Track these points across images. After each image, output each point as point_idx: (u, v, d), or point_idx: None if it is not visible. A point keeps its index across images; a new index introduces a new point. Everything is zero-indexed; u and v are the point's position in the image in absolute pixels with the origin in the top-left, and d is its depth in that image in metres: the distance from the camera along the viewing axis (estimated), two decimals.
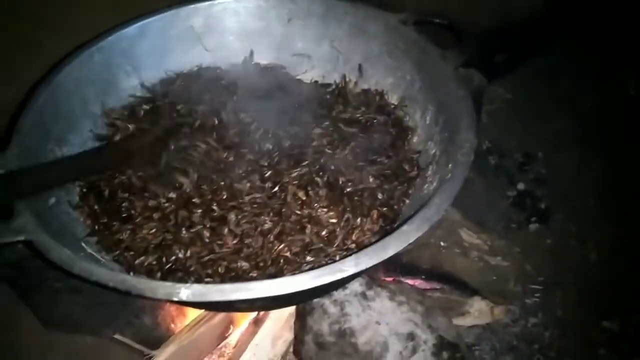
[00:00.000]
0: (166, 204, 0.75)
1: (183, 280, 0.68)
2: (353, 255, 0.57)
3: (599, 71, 1.28)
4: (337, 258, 0.70)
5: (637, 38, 1.25)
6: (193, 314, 0.90)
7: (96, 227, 0.74)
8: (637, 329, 0.96)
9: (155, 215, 0.74)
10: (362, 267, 0.56)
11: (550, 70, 1.31)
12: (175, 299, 0.52)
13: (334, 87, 0.96)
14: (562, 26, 1.25)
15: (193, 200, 0.76)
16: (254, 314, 0.89)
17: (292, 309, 0.85)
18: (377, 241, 0.62)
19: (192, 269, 0.69)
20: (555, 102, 1.27)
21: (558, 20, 1.22)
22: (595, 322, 0.99)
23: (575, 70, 1.29)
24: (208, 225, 0.73)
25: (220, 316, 0.89)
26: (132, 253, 0.71)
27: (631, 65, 1.28)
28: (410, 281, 0.89)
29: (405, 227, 0.60)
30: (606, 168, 1.18)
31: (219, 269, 0.68)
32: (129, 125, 0.87)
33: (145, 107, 0.90)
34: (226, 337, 0.93)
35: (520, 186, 1.16)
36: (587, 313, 1.00)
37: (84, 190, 0.79)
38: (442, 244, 0.89)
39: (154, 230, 0.73)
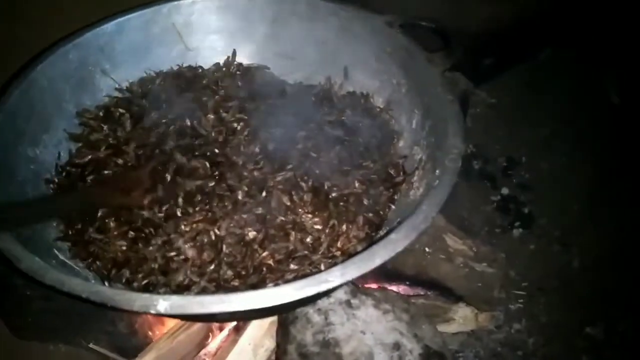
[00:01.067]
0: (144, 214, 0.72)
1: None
2: (339, 265, 0.55)
3: (583, 77, 1.29)
4: (322, 266, 0.69)
5: (619, 46, 1.26)
6: (171, 321, 0.87)
7: (69, 232, 0.71)
8: (621, 336, 0.96)
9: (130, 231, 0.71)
10: (349, 277, 0.54)
11: (534, 76, 1.31)
12: (153, 311, 0.50)
13: (318, 89, 0.94)
14: (547, 33, 1.25)
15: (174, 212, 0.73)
16: (234, 322, 0.87)
17: (274, 317, 0.83)
18: (363, 250, 0.61)
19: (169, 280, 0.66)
20: (539, 108, 1.27)
21: (543, 26, 1.22)
22: (579, 328, 0.99)
23: (560, 76, 1.30)
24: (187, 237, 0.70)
25: (200, 324, 0.87)
26: (105, 264, 0.68)
27: (614, 73, 1.29)
28: (394, 287, 0.88)
29: (392, 236, 0.58)
30: (590, 173, 1.18)
31: (199, 281, 0.66)
32: (103, 126, 0.85)
33: (121, 110, 0.86)
34: (206, 345, 0.90)
35: (504, 191, 1.16)
36: (571, 319, 1.00)
37: (58, 193, 0.75)
38: (426, 249, 0.88)
39: (126, 244, 0.70)
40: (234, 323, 0.87)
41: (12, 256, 0.54)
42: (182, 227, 0.71)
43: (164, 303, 0.50)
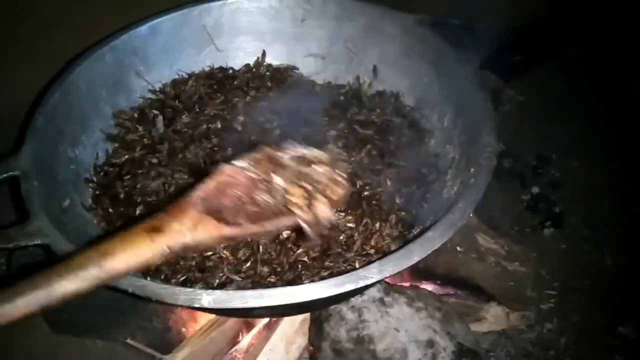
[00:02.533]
0: None
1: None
2: (377, 262, 0.56)
3: (613, 74, 1.27)
4: (357, 264, 0.69)
5: None
6: (204, 318, 0.89)
7: (110, 229, 0.73)
8: None
9: None
10: (387, 274, 0.55)
11: (563, 73, 1.29)
12: (197, 305, 0.51)
13: (347, 88, 0.95)
14: (576, 29, 1.24)
15: None
16: (266, 319, 0.88)
17: (306, 315, 0.83)
18: (399, 247, 0.61)
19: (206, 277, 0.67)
20: (568, 105, 1.26)
21: (571, 24, 1.20)
22: (611, 327, 0.98)
23: (589, 73, 1.28)
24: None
25: (232, 320, 0.88)
26: None
27: None
28: (426, 286, 0.88)
29: (429, 233, 0.58)
30: (620, 171, 1.16)
31: (236, 277, 0.67)
32: (138, 127, 0.87)
33: (155, 111, 0.88)
34: (238, 342, 0.91)
35: (535, 190, 1.15)
36: (602, 318, 0.99)
37: (97, 192, 0.77)
38: (458, 248, 0.88)
39: None
40: (266, 320, 0.88)
41: (62, 252, 0.56)
42: None
43: (207, 297, 0.51)
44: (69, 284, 0.47)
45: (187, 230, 0.52)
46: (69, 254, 0.51)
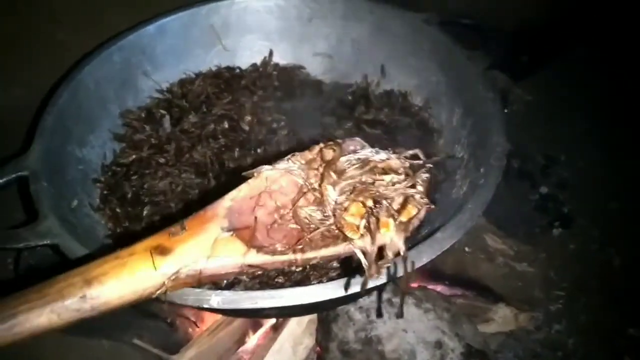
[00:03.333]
0: None
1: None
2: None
3: (622, 73, 1.26)
4: None
5: None
6: (211, 318, 0.89)
7: (117, 230, 0.73)
8: None
9: None
10: (396, 275, 0.55)
11: (571, 73, 1.28)
12: (206, 305, 0.51)
13: (355, 87, 0.95)
14: (583, 30, 1.23)
15: None
16: (273, 320, 0.88)
17: (313, 315, 0.83)
18: (409, 249, 0.60)
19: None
20: (577, 105, 1.25)
21: (579, 23, 1.19)
22: (620, 329, 0.97)
23: (598, 73, 1.27)
24: None
25: (239, 321, 0.88)
26: None
27: None
28: (434, 287, 0.87)
29: (439, 234, 0.58)
30: (630, 171, 1.15)
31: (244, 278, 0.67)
32: (145, 126, 0.87)
33: (162, 111, 0.88)
34: (245, 342, 0.91)
35: (543, 190, 1.14)
36: (612, 320, 0.98)
37: (105, 192, 0.77)
38: (466, 249, 0.87)
39: None
40: (273, 321, 0.88)
41: (70, 251, 0.56)
42: None
43: (216, 298, 0.51)
44: (39, 319, 0.39)
45: (203, 254, 0.41)
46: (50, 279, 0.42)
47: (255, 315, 0.81)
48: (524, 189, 1.14)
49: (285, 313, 0.76)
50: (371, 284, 0.54)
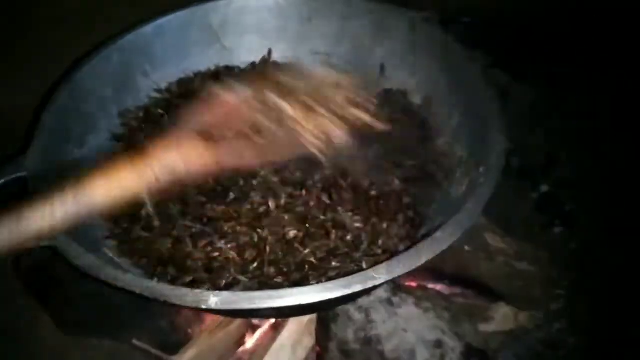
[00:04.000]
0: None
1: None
2: (385, 263, 0.55)
3: (623, 72, 1.25)
4: (364, 264, 0.68)
5: None
6: (211, 318, 0.88)
7: (117, 231, 0.73)
8: None
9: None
10: (395, 274, 0.55)
11: (574, 70, 1.28)
12: (204, 306, 0.51)
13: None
14: (586, 27, 1.22)
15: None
16: (272, 320, 0.88)
17: (313, 315, 0.83)
18: (408, 248, 0.60)
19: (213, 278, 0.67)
20: (579, 103, 1.24)
21: (582, 21, 1.19)
22: (622, 329, 0.96)
23: (599, 71, 1.26)
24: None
25: (239, 321, 0.88)
26: (151, 262, 0.69)
27: None
28: (434, 286, 0.87)
29: (438, 234, 0.58)
30: (632, 170, 1.15)
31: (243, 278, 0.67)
32: (144, 126, 0.86)
33: (160, 110, 0.88)
34: (245, 343, 0.91)
35: (544, 188, 1.14)
36: (613, 319, 0.97)
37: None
38: (466, 248, 0.87)
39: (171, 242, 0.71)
40: (273, 321, 0.88)
41: (69, 253, 0.56)
42: (225, 228, 0.71)
43: (214, 299, 0.51)
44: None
45: (176, 154, 0.46)
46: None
47: (254, 316, 0.81)
48: (525, 187, 1.13)
49: (284, 313, 0.76)
50: (370, 283, 0.54)
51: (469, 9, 0.87)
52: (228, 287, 0.66)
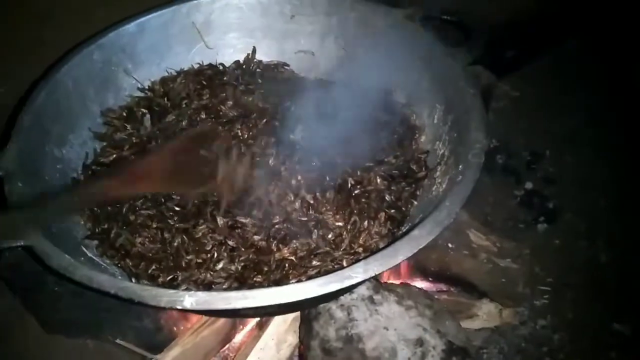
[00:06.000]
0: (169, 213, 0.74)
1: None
2: (362, 262, 0.55)
3: (609, 68, 1.26)
4: (344, 262, 0.69)
5: None
6: (195, 317, 0.88)
7: (96, 230, 0.73)
8: None
9: (154, 224, 0.72)
10: (372, 273, 0.54)
11: (558, 68, 1.28)
12: (179, 307, 0.51)
13: (338, 85, 0.94)
14: (571, 23, 1.22)
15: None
16: (257, 318, 0.88)
17: (297, 313, 0.83)
18: (386, 246, 0.60)
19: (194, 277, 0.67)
20: (563, 100, 1.25)
21: (567, 17, 1.19)
22: (606, 324, 0.97)
23: (584, 68, 1.27)
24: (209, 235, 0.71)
25: (223, 320, 0.88)
26: (131, 261, 0.69)
27: None
28: (417, 283, 0.87)
29: (415, 232, 0.58)
30: (616, 166, 1.16)
31: (222, 273, 0.67)
32: (126, 125, 0.86)
33: (143, 109, 0.88)
34: (230, 341, 0.91)
35: (528, 185, 1.14)
36: (597, 315, 0.98)
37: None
38: (450, 245, 0.87)
39: (150, 239, 0.71)
40: (257, 319, 0.88)
41: (44, 254, 0.55)
42: (205, 225, 0.71)
43: (189, 299, 0.51)
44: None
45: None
46: None
47: (233, 315, 0.81)
48: (509, 184, 1.14)
49: (262, 312, 0.76)
50: (346, 282, 0.54)
51: (451, 6, 0.87)
52: (208, 286, 0.66)
